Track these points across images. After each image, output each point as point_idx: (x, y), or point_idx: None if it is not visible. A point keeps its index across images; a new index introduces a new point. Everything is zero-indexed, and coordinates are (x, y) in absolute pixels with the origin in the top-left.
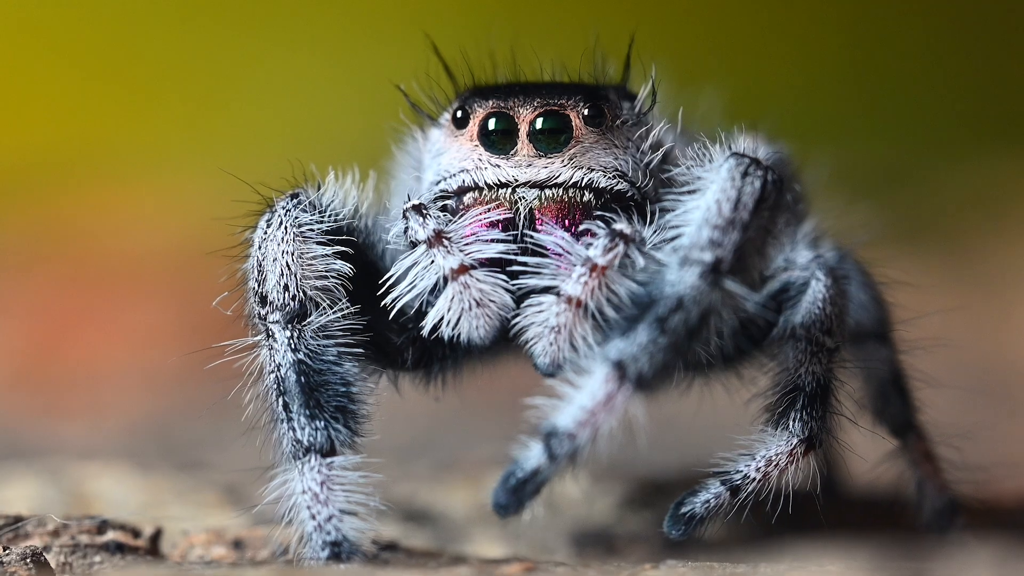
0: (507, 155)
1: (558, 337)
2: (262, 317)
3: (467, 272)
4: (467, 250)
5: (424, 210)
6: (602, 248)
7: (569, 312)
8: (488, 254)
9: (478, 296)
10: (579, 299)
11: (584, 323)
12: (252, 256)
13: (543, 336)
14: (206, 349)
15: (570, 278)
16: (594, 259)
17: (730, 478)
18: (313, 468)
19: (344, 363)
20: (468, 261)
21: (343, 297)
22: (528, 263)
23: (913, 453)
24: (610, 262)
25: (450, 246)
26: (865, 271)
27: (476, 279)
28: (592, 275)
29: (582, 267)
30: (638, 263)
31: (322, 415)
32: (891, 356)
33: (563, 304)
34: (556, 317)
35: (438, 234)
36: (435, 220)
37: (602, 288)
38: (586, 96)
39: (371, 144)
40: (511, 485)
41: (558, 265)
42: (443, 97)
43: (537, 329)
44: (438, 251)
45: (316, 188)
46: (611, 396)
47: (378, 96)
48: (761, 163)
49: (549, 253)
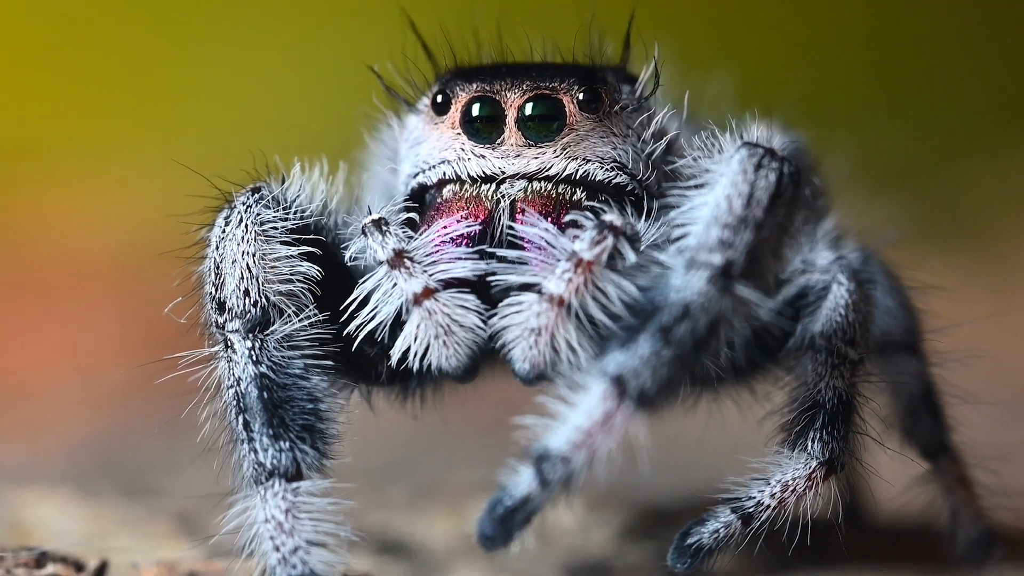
0: (493, 144)
1: (539, 340)
2: (220, 326)
3: (432, 296)
4: (431, 270)
5: (384, 226)
6: (589, 241)
7: (551, 312)
8: (455, 274)
9: (445, 323)
10: (562, 298)
11: (568, 324)
12: (209, 257)
13: (522, 339)
14: (157, 361)
15: (552, 274)
16: (580, 253)
17: (742, 505)
18: (277, 494)
19: (311, 377)
20: (432, 283)
21: (310, 303)
22: (507, 256)
23: (946, 477)
24: (597, 257)
25: (412, 267)
26: (892, 274)
27: (442, 304)
28: (577, 271)
29: (566, 262)
30: (629, 258)
31: (287, 435)
32: (921, 369)
33: (544, 303)
34: (537, 318)
35: (399, 254)
36: (396, 238)
37: (588, 286)
38: (581, 78)
39: (341, 132)
40: (498, 514)
41: (540, 260)
42: (421, 80)
43: (516, 331)
44: (400, 273)
45: (280, 181)
46: (609, 415)
47: (349, 79)
48: (776, 154)
49: (529, 247)
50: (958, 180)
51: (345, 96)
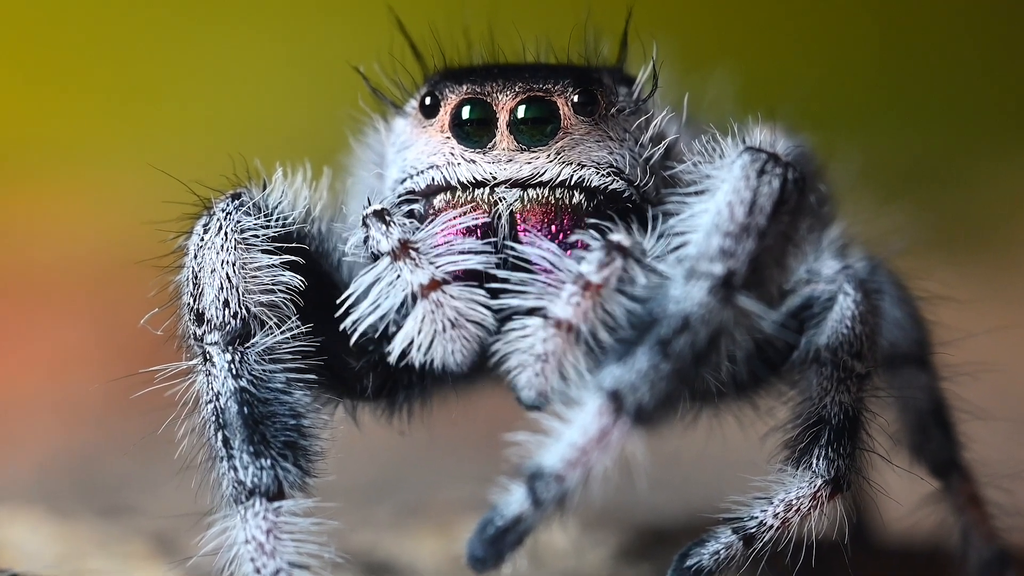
0: (484, 149)
1: (545, 367)
2: (198, 338)
3: (439, 287)
4: (438, 262)
5: (387, 216)
6: (597, 263)
7: (558, 338)
8: (463, 266)
9: (453, 315)
10: (570, 323)
11: (575, 350)
12: (187, 267)
13: (528, 365)
14: (133, 375)
15: (559, 298)
16: (587, 276)
17: (743, 525)
18: (258, 514)
19: (294, 391)
20: (440, 275)
21: (293, 314)
22: (510, 279)
23: (957, 496)
24: (606, 280)
25: (418, 258)
26: (900, 284)
27: (450, 296)
28: (585, 295)
29: (573, 285)
30: (638, 280)
31: (268, 452)
32: (931, 383)
33: (551, 328)
34: (543, 343)
35: (404, 244)
36: (400, 228)
37: (596, 310)
38: (576, 80)
39: (325, 136)
40: (489, 535)
41: (545, 281)
42: (409, 81)
43: (521, 357)
44: (404, 264)
45: (261, 187)
46: (605, 431)
47: (333, 79)
48: (780, 159)
49: (534, 268)
50: (970, 185)
51: (329, 98)
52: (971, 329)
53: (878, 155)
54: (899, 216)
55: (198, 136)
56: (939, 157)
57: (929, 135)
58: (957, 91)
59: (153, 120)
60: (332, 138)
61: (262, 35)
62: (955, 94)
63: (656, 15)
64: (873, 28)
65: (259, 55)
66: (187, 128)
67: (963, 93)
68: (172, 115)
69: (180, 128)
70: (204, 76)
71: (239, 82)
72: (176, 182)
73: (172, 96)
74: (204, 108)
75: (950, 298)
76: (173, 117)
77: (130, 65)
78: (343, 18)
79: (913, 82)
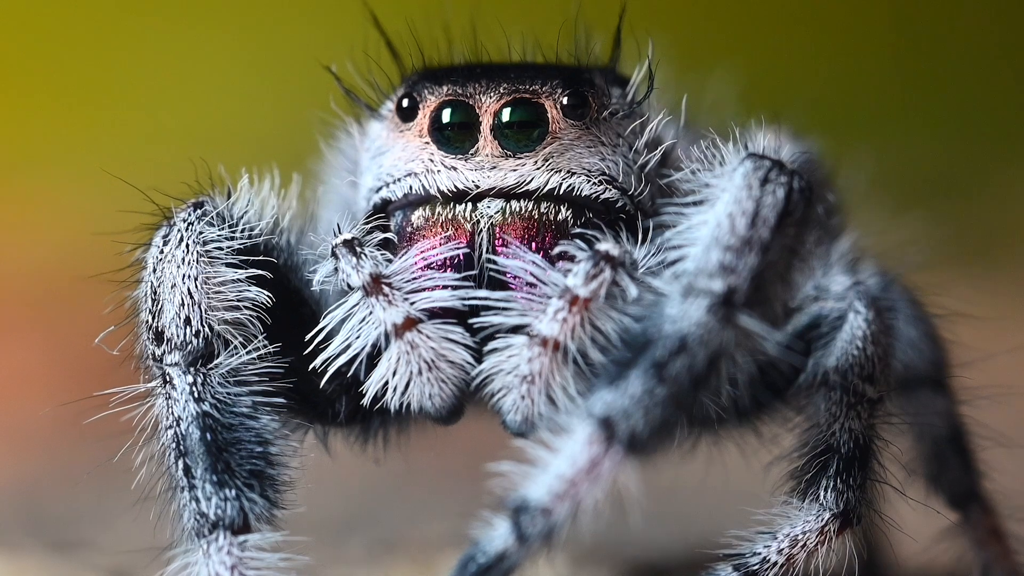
0: (466, 155)
1: (532, 388)
2: (157, 358)
3: (414, 327)
4: (413, 298)
5: (358, 247)
6: (584, 275)
7: (544, 357)
8: (440, 304)
9: (430, 357)
10: (557, 340)
11: (564, 370)
12: (145, 281)
13: (513, 387)
14: (86, 398)
15: (545, 314)
16: (574, 289)
17: (745, 562)
18: (221, 548)
19: (260, 416)
20: (415, 313)
21: (259, 333)
22: (491, 297)
23: (977, 530)
24: (594, 293)
25: (392, 294)
26: (916, 301)
27: (426, 336)
28: (572, 310)
29: (559, 299)
30: (630, 293)
31: (233, 481)
32: (949, 408)
33: (537, 347)
34: (529, 363)
35: (376, 279)
36: (372, 260)
37: (585, 326)
38: (565, 81)
39: (295, 140)
40: (471, 572)
41: (529, 296)
42: (385, 82)
43: (506, 379)
44: (377, 301)
45: (226, 196)
46: (596, 461)
47: (303, 79)
48: (785, 167)
49: (515, 282)
50: (991, 195)
51: (299, 99)
52: (991, 349)
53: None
54: (914, 228)
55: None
56: (958, 164)
57: (948, 140)
58: (978, 92)
59: (108, 122)
60: (302, 142)
61: (227, 30)
62: (976, 96)
63: (652, 10)
64: (888, 23)
65: (223, 51)
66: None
67: (984, 95)
68: (128, 116)
69: (137, 130)
70: (163, 73)
71: (202, 80)
72: (133, 189)
73: (128, 95)
74: (163, 108)
75: (969, 315)
76: (129, 118)
77: (83, 61)
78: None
79: (931, 83)
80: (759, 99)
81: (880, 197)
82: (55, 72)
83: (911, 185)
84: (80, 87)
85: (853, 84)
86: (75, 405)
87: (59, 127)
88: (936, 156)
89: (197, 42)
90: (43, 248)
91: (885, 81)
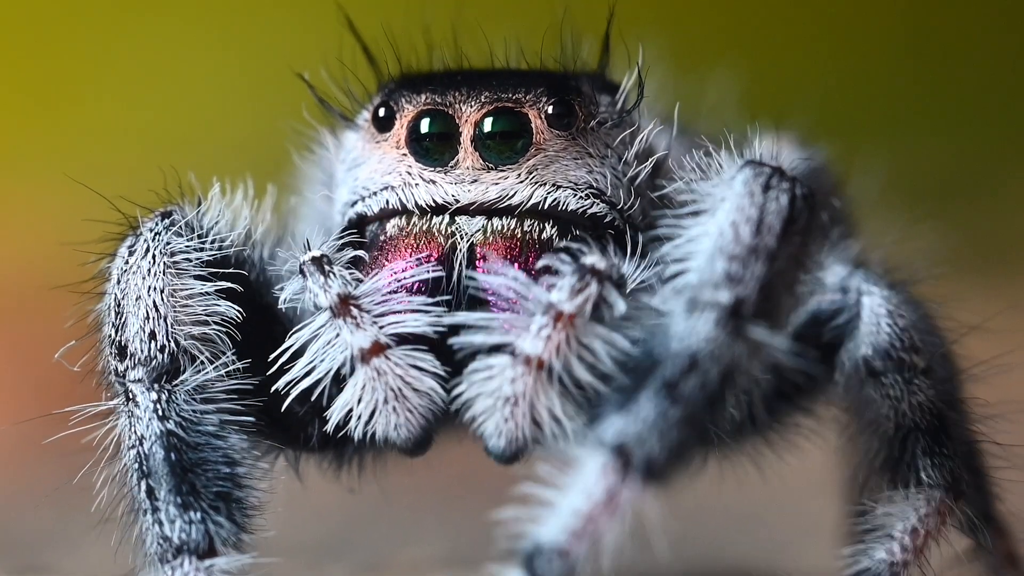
0: (445, 167)
1: (515, 410)
2: (120, 374)
3: (382, 353)
4: (383, 321)
5: (326, 266)
6: (569, 290)
7: (528, 376)
8: (411, 329)
9: (397, 385)
10: (541, 359)
11: (549, 390)
12: (109, 293)
13: (496, 410)
14: (46, 416)
15: (527, 331)
16: (559, 305)
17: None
18: (187, 574)
19: (228, 435)
20: (384, 338)
21: (228, 349)
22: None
23: (991, 555)
24: (580, 308)
25: (360, 316)
26: (926, 314)
27: (394, 363)
28: (557, 326)
29: (543, 316)
30: (618, 308)
31: (198, 504)
32: (961, 426)
33: (520, 366)
34: (511, 384)
35: (344, 300)
36: (341, 280)
37: (571, 343)
38: (550, 88)
39: (269, 148)
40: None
41: (510, 315)
42: (361, 90)
43: (487, 401)
44: (344, 323)
45: (195, 205)
46: (613, 492)
47: (281, 86)
48: (785, 173)
49: (496, 300)
50: (1007, 201)
51: (276, 106)
52: (1008, 363)
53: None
54: (926, 236)
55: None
56: (972, 169)
57: (961, 145)
58: (993, 95)
59: (72, 126)
60: (277, 151)
61: (198, 33)
62: (991, 99)
63: (644, 11)
64: (898, 22)
65: (196, 54)
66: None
67: (1000, 97)
68: (94, 120)
69: (103, 135)
70: (131, 76)
71: (173, 84)
72: (98, 197)
73: (94, 98)
74: (131, 113)
75: (984, 328)
76: (95, 122)
77: (46, 62)
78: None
79: (944, 84)
80: (762, 103)
81: (891, 205)
82: (19, 74)
83: (923, 192)
84: (45, 89)
85: (863, 86)
86: (35, 423)
87: (23, 132)
88: (949, 162)
89: (168, 44)
90: (4, 258)
91: (896, 83)
